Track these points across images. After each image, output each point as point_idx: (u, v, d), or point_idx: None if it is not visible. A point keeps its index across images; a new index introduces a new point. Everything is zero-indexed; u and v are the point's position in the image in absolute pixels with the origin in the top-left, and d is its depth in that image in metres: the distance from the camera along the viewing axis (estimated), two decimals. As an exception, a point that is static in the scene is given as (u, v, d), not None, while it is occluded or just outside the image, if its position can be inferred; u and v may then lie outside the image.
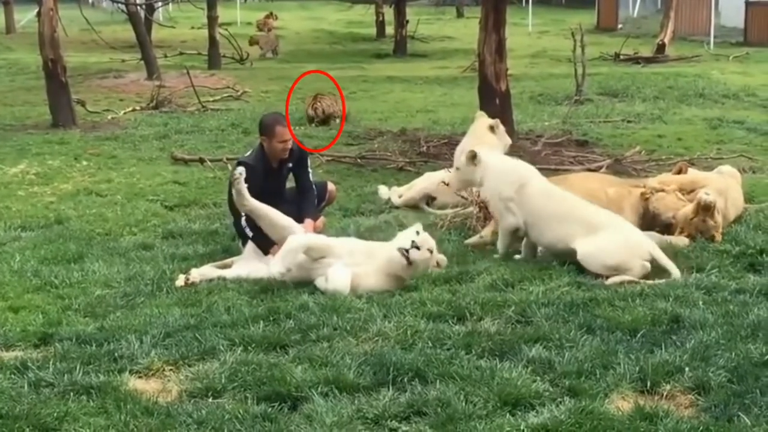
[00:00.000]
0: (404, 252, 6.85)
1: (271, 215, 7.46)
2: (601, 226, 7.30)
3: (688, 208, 8.03)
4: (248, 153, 8.17)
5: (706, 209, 7.89)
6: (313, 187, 8.15)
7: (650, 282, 6.90)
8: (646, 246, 7.23)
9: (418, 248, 6.87)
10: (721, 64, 24.20)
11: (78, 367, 5.45)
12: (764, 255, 7.45)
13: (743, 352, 5.52)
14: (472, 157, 7.71)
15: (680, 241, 7.85)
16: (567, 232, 7.35)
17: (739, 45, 28.62)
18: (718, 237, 7.90)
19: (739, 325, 5.93)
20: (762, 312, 6.16)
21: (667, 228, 8.12)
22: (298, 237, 7.14)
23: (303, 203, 7.98)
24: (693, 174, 9.03)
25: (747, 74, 21.67)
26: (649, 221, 8.22)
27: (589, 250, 7.16)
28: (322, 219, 8.14)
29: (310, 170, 8.21)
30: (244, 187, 7.36)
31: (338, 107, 15.30)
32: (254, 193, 7.56)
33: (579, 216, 7.42)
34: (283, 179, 8.13)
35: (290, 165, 8.06)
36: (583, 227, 7.31)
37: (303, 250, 6.97)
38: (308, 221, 7.80)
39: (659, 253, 7.17)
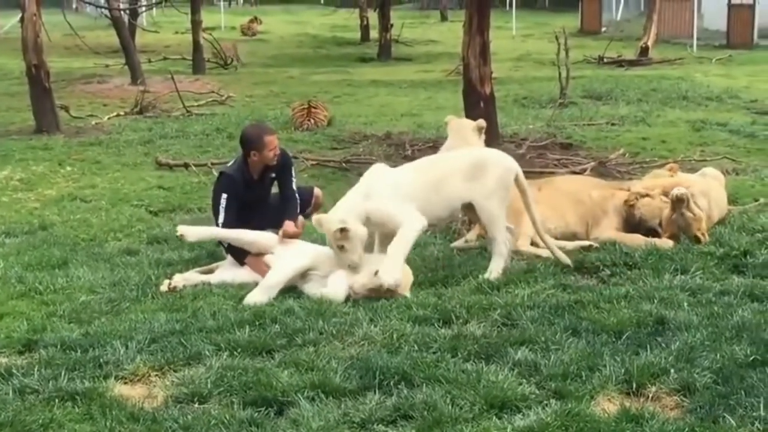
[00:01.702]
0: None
1: (235, 236, 7.45)
2: (480, 166, 7.42)
3: (667, 209, 8.06)
4: (230, 163, 8.16)
5: (680, 201, 7.91)
6: (296, 195, 8.06)
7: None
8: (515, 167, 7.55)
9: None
10: (704, 66, 24.32)
11: (63, 374, 5.43)
12: (748, 256, 7.48)
13: (728, 353, 5.54)
14: (343, 229, 6.99)
15: (665, 243, 7.87)
16: (460, 187, 7.36)
17: (722, 47, 28.76)
18: (704, 238, 7.92)
19: (724, 327, 5.95)
20: (746, 313, 6.18)
21: (652, 232, 8.14)
22: (276, 274, 7.02)
23: (285, 211, 7.88)
24: (676, 177, 9.06)
25: (730, 76, 21.77)
26: (635, 225, 8.25)
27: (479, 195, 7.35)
28: (301, 220, 8.09)
29: (293, 178, 8.12)
30: (191, 238, 7.42)
31: (327, 112, 15.36)
32: (237, 204, 7.60)
33: (457, 167, 7.45)
34: (267, 189, 8.07)
35: (273, 175, 8.02)
36: (465, 175, 7.38)
37: (281, 286, 6.97)
38: (288, 222, 7.68)
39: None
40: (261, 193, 7.98)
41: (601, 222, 8.31)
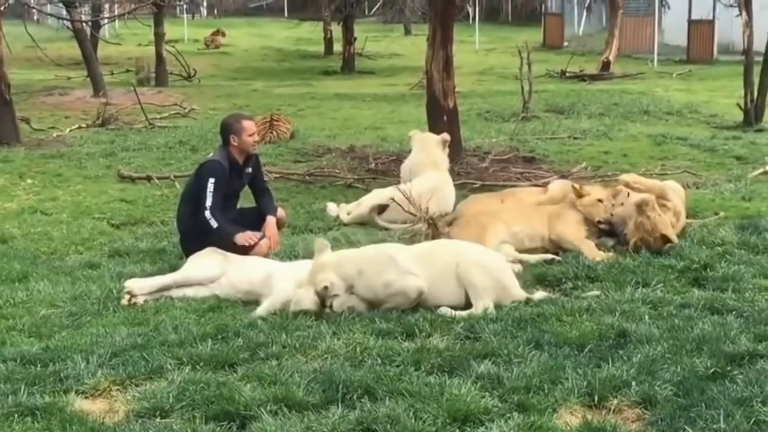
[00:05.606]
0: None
1: (182, 278, 7.39)
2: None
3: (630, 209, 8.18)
4: (210, 155, 8.23)
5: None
6: (269, 187, 8.49)
7: None
8: None
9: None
10: (664, 81, 24.56)
11: (23, 388, 5.37)
12: (708, 269, 7.54)
13: (688, 365, 5.58)
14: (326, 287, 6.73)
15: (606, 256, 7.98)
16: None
17: (682, 62, 29.10)
18: (674, 237, 8.02)
19: (685, 339, 6.00)
20: (706, 326, 6.23)
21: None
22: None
23: (264, 203, 8.26)
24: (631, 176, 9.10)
25: (690, 91, 22.01)
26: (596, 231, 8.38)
27: None
28: (280, 211, 8.42)
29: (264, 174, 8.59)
30: (139, 291, 7.14)
31: (290, 125, 15.35)
32: (222, 191, 7.75)
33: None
34: (243, 181, 8.22)
35: (249, 169, 8.16)
36: None
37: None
38: (270, 218, 8.06)
39: None
40: (239, 183, 8.16)
41: (563, 215, 8.41)
